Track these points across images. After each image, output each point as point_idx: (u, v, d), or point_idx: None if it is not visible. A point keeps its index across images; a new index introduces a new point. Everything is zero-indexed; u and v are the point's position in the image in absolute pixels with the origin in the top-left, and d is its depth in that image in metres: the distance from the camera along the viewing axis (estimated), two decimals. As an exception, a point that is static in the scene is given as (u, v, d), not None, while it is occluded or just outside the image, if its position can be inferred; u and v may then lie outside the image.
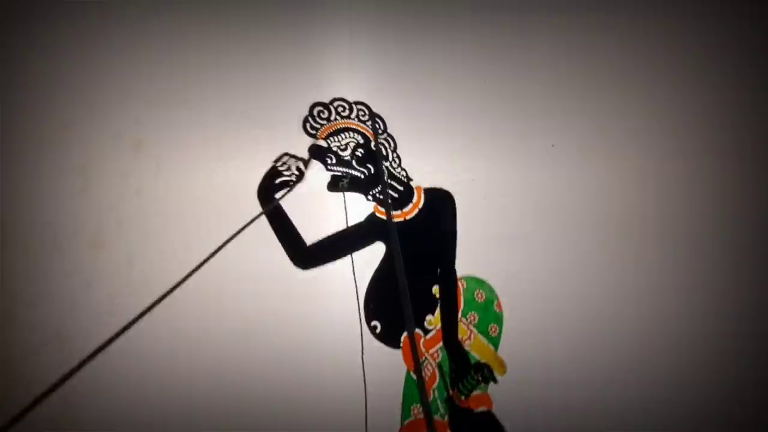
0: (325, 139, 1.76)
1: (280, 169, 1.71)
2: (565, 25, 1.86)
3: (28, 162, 1.76)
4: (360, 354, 1.68)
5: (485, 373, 1.70)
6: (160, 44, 1.80)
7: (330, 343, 1.71)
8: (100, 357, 1.71)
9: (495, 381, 1.72)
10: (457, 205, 1.80)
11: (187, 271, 1.75)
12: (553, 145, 1.84)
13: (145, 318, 1.72)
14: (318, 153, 1.75)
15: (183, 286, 1.73)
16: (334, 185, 1.76)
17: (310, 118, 1.76)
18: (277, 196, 1.69)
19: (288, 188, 1.70)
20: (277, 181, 1.70)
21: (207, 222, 1.76)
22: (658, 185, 1.86)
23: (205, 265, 1.74)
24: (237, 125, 1.79)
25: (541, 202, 1.83)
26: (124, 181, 1.77)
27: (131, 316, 1.73)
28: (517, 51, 1.86)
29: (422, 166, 1.83)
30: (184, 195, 1.77)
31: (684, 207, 1.86)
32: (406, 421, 1.69)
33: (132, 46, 1.80)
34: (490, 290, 1.80)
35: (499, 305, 1.80)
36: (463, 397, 1.69)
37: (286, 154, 1.71)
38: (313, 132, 1.76)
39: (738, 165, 1.88)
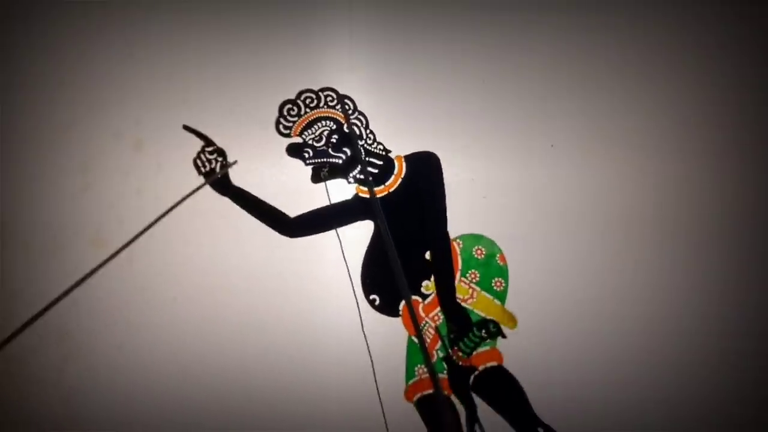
0: (300, 134, 1.76)
1: (209, 168, 1.75)
2: (566, 25, 1.86)
3: (28, 161, 1.77)
4: (360, 327, 1.71)
5: (491, 329, 1.70)
6: (160, 44, 1.81)
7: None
8: (100, 357, 1.72)
9: (503, 335, 1.71)
10: (456, 206, 1.80)
11: (186, 271, 1.76)
12: (552, 146, 1.84)
13: (145, 317, 1.73)
14: (294, 151, 1.76)
15: (183, 282, 1.74)
16: (317, 177, 1.76)
17: (281, 119, 1.76)
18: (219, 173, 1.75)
19: (226, 166, 1.75)
20: (215, 174, 1.75)
21: (207, 222, 1.77)
22: (658, 185, 1.86)
23: (204, 260, 1.75)
24: (237, 125, 1.79)
25: (541, 202, 1.83)
26: (125, 180, 1.77)
27: (131, 315, 1.74)
28: (517, 51, 1.86)
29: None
30: (186, 194, 1.78)
31: (684, 207, 1.86)
32: (411, 382, 1.71)
33: (132, 45, 1.80)
34: (491, 244, 1.78)
35: (502, 258, 1.78)
36: (463, 356, 1.69)
37: (195, 158, 1.75)
38: (287, 132, 1.76)
39: (738, 165, 1.88)
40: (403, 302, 1.72)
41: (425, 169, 1.79)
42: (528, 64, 1.85)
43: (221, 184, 1.75)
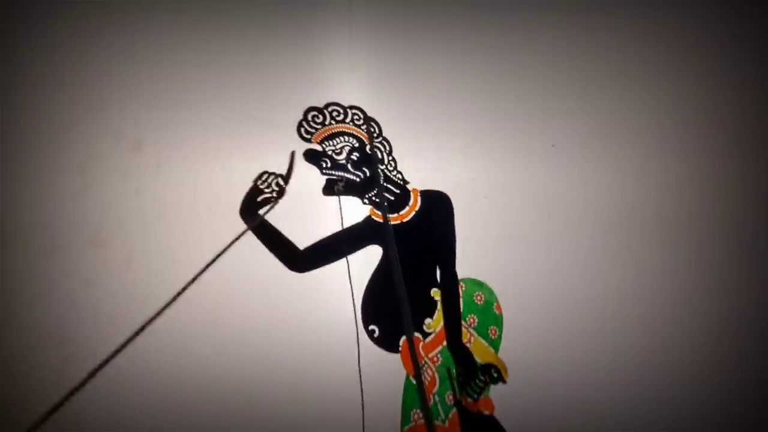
0: (320, 143, 1.76)
1: (261, 187, 1.72)
2: (566, 25, 1.86)
3: (27, 161, 1.76)
4: (357, 359, 1.66)
5: (492, 374, 1.69)
6: (159, 44, 1.80)
7: (326, 348, 1.70)
8: (100, 359, 1.72)
9: (504, 381, 1.71)
10: (456, 206, 1.80)
11: (186, 271, 1.75)
12: (553, 146, 1.84)
13: (145, 317, 1.72)
14: (313, 157, 1.75)
15: (182, 284, 1.74)
16: (330, 189, 1.75)
17: (304, 123, 1.76)
18: (261, 212, 1.70)
19: (270, 205, 1.71)
20: (259, 198, 1.72)
21: (206, 222, 1.77)
22: (659, 185, 1.86)
23: (204, 261, 1.75)
24: (237, 125, 1.79)
25: (542, 202, 1.83)
26: (124, 180, 1.77)
27: (131, 315, 1.73)
28: (517, 51, 1.86)
29: (422, 166, 1.82)
30: (184, 195, 1.77)
31: (685, 207, 1.86)
32: (407, 427, 1.66)
33: (132, 45, 1.80)
34: (490, 292, 1.79)
35: (498, 307, 1.79)
36: (471, 400, 1.68)
37: (265, 172, 1.72)
38: (308, 137, 1.76)
39: (739, 165, 1.88)
40: (403, 337, 1.68)
41: (440, 207, 1.79)
42: (529, 64, 1.85)
43: (254, 209, 1.73)
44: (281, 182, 1.72)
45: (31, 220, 1.75)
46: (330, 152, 1.76)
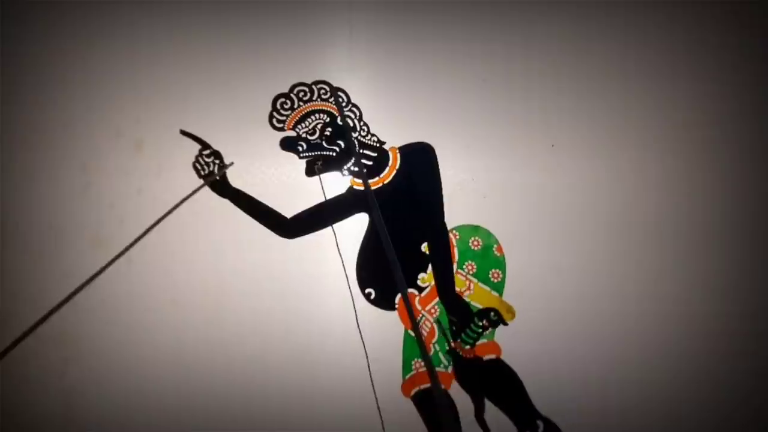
0: (293, 128, 1.76)
1: (207, 171, 1.76)
2: (567, 25, 1.86)
3: (28, 161, 1.77)
4: (355, 321, 1.70)
5: (491, 318, 1.69)
6: (160, 44, 1.81)
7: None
8: (101, 359, 1.72)
9: (505, 323, 1.71)
10: (456, 206, 1.80)
11: (186, 271, 1.76)
12: (553, 145, 1.84)
13: (145, 319, 1.73)
14: (289, 144, 1.76)
15: (181, 284, 1.74)
16: (311, 171, 1.76)
17: (274, 113, 1.76)
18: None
19: (223, 167, 1.75)
20: (218, 177, 1.76)
21: (207, 222, 1.77)
22: (659, 184, 1.86)
23: (203, 262, 1.75)
24: (237, 124, 1.79)
25: (542, 201, 1.83)
26: (125, 180, 1.77)
27: (131, 315, 1.74)
28: (517, 50, 1.86)
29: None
30: (185, 194, 1.77)
31: (685, 206, 1.86)
32: (408, 375, 1.71)
33: (133, 45, 1.80)
34: (488, 235, 1.77)
35: (499, 249, 1.77)
36: (467, 347, 1.69)
37: (194, 163, 1.76)
38: (281, 125, 1.76)
39: (740, 164, 1.88)
40: (399, 295, 1.71)
41: (420, 160, 1.79)
42: (529, 64, 1.85)
43: (220, 185, 1.75)
44: (208, 151, 1.75)
45: (32, 220, 1.75)
46: (304, 134, 1.76)
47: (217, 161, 1.75)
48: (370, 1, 1.84)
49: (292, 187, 1.79)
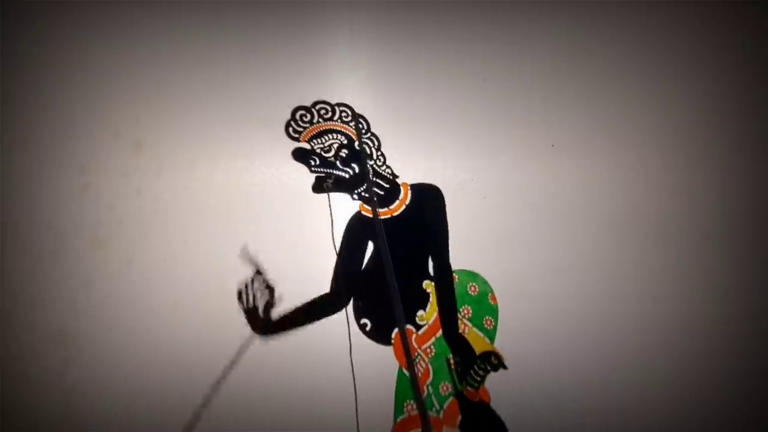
0: (308, 141, 1.76)
1: (250, 306, 1.70)
2: (567, 25, 1.86)
3: (27, 161, 1.76)
4: (349, 353, 1.67)
5: (492, 361, 1.68)
6: (159, 43, 1.80)
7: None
8: (101, 360, 1.72)
9: (505, 367, 1.70)
10: (456, 206, 1.80)
11: (187, 272, 1.75)
12: (552, 145, 1.84)
13: (145, 320, 1.73)
14: (301, 155, 1.76)
15: (182, 285, 1.74)
16: (319, 186, 1.76)
17: (292, 122, 1.76)
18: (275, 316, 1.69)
19: (271, 305, 1.70)
20: (261, 310, 1.69)
21: (207, 222, 1.77)
22: (659, 184, 1.86)
23: (204, 263, 1.75)
24: (237, 125, 1.79)
25: (542, 202, 1.83)
26: (125, 180, 1.77)
27: (132, 316, 1.74)
28: (518, 50, 1.86)
29: (422, 165, 1.82)
30: (185, 195, 1.77)
31: (685, 206, 1.86)
32: (399, 419, 1.67)
33: (132, 45, 1.80)
34: (484, 283, 1.79)
35: (493, 297, 1.79)
36: (472, 389, 1.68)
37: (239, 290, 1.69)
38: (296, 135, 1.76)
39: (740, 164, 1.88)
40: (395, 330, 1.69)
41: (431, 200, 1.80)
42: (529, 64, 1.85)
43: (263, 323, 1.68)
44: (262, 280, 1.70)
45: (32, 221, 1.75)
46: (318, 150, 1.76)
47: (267, 296, 1.67)
48: (370, 1, 1.84)
49: (292, 187, 1.79)
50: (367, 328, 1.70)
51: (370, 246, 1.75)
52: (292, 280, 1.76)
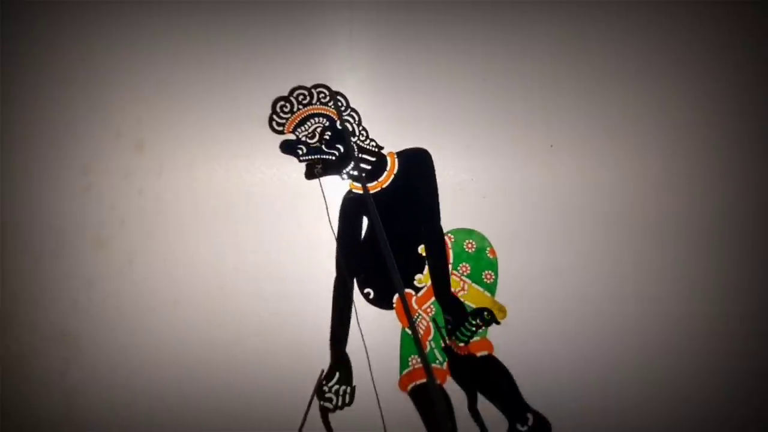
0: (293, 131, 1.78)
1: (334, 404, 1.75)
2: (567, 24, 1.86)
3: (29, 161, 1.77)
4: (356, 320, 1.75)
5: (485, 317, 1.75)
6: (160, 44, 1.81)
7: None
8: (102, 359, 1.73)
9: (497, 322, 1.76)
10: (456, 206, 1.81)
11: (188, 272, 1.76)
12: (552, 146, 1.84)
13: (146, 319, 1.73)
14: (288, 148, 1.78)
15: (183, 285, 1.75)
16: (311, 174, 1.78)
17: (274, 115, 1.77)
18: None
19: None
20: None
21: (208, 222, 1.77)
22: (659, 184, 1.86)
23: (205, 263, 1.76)
24: (238, 124, 1.79)
25: (542, 201, 1.83)
26: (126, 180, 1.77)
27: (132, 316, 1.74)
28: (517, 50, 1.86)
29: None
30: (186, 195, 1.78)
31: (685, 206, 1.86)
32: (405, 371, 1.76)
33: (132, 45, 1.80)
34: (481, 238, 1.81)
35: (492, 251, 1.81)
36: (461, 344, 1.75)
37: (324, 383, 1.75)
38: (280, 129, 1.78)
39: (740, 164, 1.88)
40: (396, 295, 1.76)
41: (417, 165, 1.82)
42: (529, 63, 1.85)
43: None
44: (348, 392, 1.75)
45: (33, 221, 1.75)
46: (303, 138, 1.78)
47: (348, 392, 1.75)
48: (370, 1, 1.83)
49: (293, 187, 1.79)
50: (371, 297, 1.78)
51: (366, 221, 1.79)
52: (293, 280, 1.76)
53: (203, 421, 1.73)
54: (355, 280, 1.77)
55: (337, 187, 1.80)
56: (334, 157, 1.79)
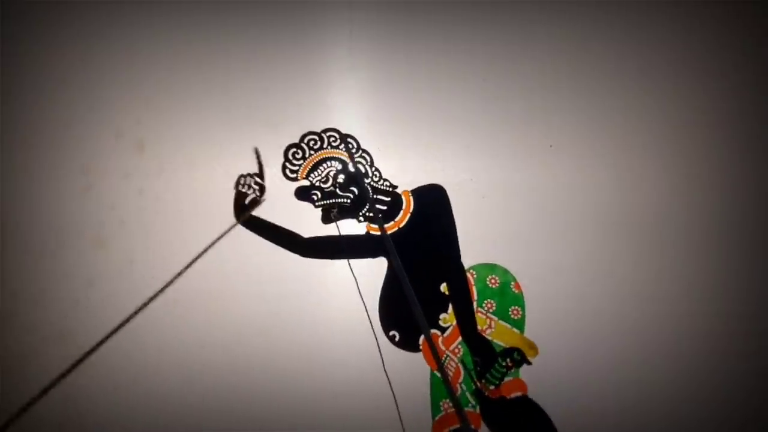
0: (306, 177, 1.77)
1: (243, 190, 1.75)
2: (566, 25, 1.86)
3: (29, 161, 1.77)
4: (381, 365, 1.71)
5: (515, 357, 1.71)
6: (160, 44, 1.80)
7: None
8: (102, 359, 1.73)
9: (528, 363, 1.73)
10: (456, 206, 1.80)
11: (188, 272, 1.76)
12: (551, 146, 1.84)
13: (146, 319, 1.73)
14: (303, 194, 1.77)
15: (183, 285, 1.75)
16: (327, 218, 1.77)
17: (287, 163, 1.77)
18: (254, 213, 1.75)
19: (257, 203, 1.75)
20: (246, 201, 1.75)
21: (208, 222, 1.77)
22: (659, 185, 1.86)
23: (205, 263, 1.75)
24: (238, 125, 1.79)
25: (541, 202, 1.83)
26: (126, 180, 1.77)
27: (132, 318, 1.74)
28: (517, 50, 1.86)
29: (421, 165, 1.83)
30: (187, 195, 1.78)
31: (684, 206, 1.86)
32: (437, 417, 1.72)
33: (133, 45, 1.80)
34: (504, 273, 1.78)
35: (517, 286, 1.78)
36: (492, 387, 1.70)
37: (241, 175, 1.76)
38: (294, 176, 1.77)
39: (740, 164, 1.88)
40: (422, 337, 1.72)
41: (432, 201, 1.80)
42: (528, 64, 1.85)
43: (246, 211, 1.76)
44: (259, 180, 1.74)
45: (33, 221, 1.75)
46: (317, 183, 1.77)
47: (258, 193, 1.76)
48: (370, 1, 1.83)
49: (292, 186, 1.79)
50: (396, 339, 1.73)
51: (379, 260, 1.77)
52: (293, 280, 1.76)
53: (203, 420, 1.73)
54: (377, 322, 1.73)
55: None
56: (348, 201, 1.77)
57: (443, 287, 1.77)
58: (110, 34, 1.80)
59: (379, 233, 1.74)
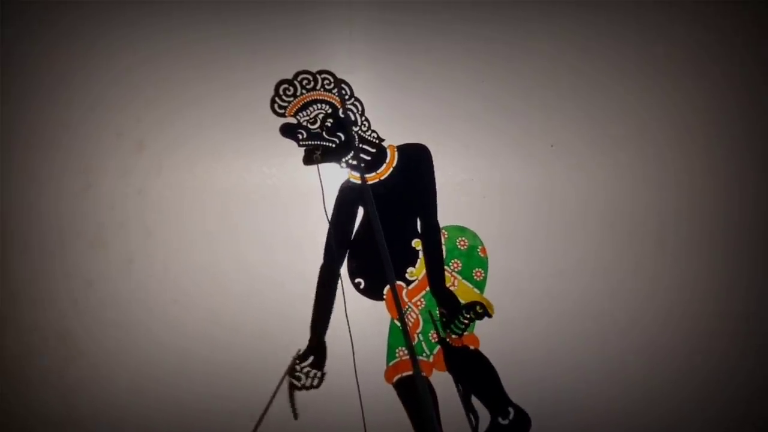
0: (294, 115, 1.78)
1: (304, 383, 1.75)
2: (566, 25, 1.86)
3: (29, 161, 1.77)
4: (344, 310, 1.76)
5: (477, 311, 1.77)
6: (160, 44, 1.80)
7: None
8: (101, 359, 1.73)
9: (489, 316, 1.78)
10: (455, 206, 1.81)
11: (187, 271, 1.76)
12: (552, 146, 1.84)
13: (145, 319, 1.73)
14: (288, 131, 1.77)
15: (182, 284, 1.75)
16: (309, 159, 1.78)
17: (277, 98, 1.77)
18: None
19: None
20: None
21: (208, 222, 1.77)
22: (658, 185, 1.86)
23: (204, 262, 1.76)
24: (238, 125, 1.79)
25: (541, 202, 1.83)
26: (126, 180, 1.77)
27: (131, 315, 1.74)
28: (517, 51, 1.86)
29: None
30: (185, 195, 1.78)
31: (685, 205, 1.86)
32: (392, 362, 1.77)
33: (133, 45, 1.80)
34: (473, 236, 1.82)
35: (483, 250, 1.82)
36: (455, 336, 1.77)
37: (295, 360, 1.75)
38: (282, 111, 1.77)
39: (740, 164, 1.88)
40: (387, 287, 1.77)
41: (417, 160, 1.82)
42: (528, 64, 1.85)
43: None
44: (317, 372, 1.75)
45: (33, 221, 1.75)
46: (305, 122, 1.78)
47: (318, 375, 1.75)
48: (370, 1, 1.84)
49: (293, 186, 1.79)
50: (361, 287, 1.78)
51: (361, 210, 1.79)
52: (294, 280, 1.76)
53: (203, 420, 1.73)
54: (345, 269, 1.77)
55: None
56: (334, 145, 1.79)
57: (414, 243, 1.81)
58: (110, 34, 1.80)
59: (359, 182, 1.76)
